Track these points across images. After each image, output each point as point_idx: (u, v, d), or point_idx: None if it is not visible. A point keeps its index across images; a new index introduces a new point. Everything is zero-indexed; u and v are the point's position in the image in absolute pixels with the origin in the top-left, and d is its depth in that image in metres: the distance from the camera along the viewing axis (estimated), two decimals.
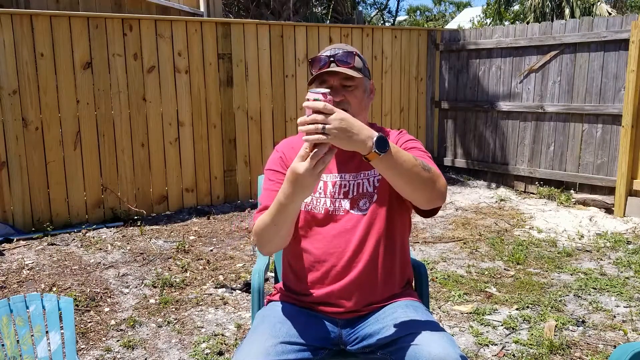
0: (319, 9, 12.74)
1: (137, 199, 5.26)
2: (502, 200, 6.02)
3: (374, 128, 1.82)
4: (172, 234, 4.80)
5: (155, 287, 3.64)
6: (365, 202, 1.71)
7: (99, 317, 3.22)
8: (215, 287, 3.65)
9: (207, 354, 2.80)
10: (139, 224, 4.94)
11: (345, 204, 1.72)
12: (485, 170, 6.83)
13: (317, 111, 1.33)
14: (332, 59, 1.65)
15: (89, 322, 3.15)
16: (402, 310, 1.65)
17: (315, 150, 1.35)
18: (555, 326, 3.03)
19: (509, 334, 3.00)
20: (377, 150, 1.37)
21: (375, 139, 1.37)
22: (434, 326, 1.55)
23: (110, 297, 3.49)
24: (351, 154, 1.76)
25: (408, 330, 1.54)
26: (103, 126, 5.02)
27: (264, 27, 5.82)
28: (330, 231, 1.70)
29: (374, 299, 1.70)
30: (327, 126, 1.32)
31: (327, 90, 1.38)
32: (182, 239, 4.62)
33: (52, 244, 4.43)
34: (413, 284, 1.90)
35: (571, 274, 3.87)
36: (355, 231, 1.69)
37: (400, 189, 1.53)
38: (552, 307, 3.30)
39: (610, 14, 13.95)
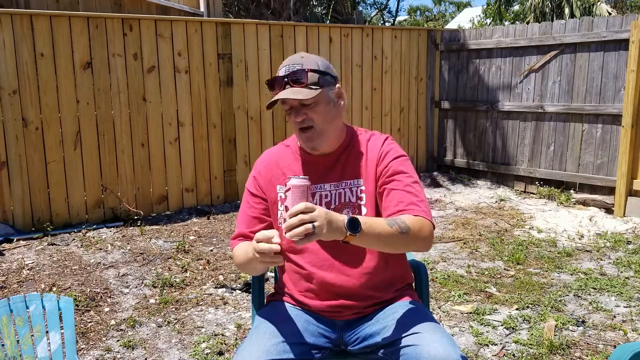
0: (319, 9, 12.74)
1: (137, 199, 5.26)
2: (502, 200, 6.02)
3: (350, 131, 1.77)
4: (172, 234, 4.80)
5: (155, 287, 3.64)
6: (349, 212, 1.68)
7: (99, 317, 3.22)
8: (215, 287, 3.65)
9: (207, 354, 2.80)
10: (139, 224, 4.94)
11: None
12: (485, 170, 6.83)
13: (299, 212, 1.36)
14: (286, 79, 1.61)
15: (89, 322, 3.15)
16: (403, 310, 1.65)
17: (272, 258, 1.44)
18: (555, 326, 3.03)
19: (509, 334, 3.00)
20: (351, 233, 1.41)
21: (346, 222, 1.41)
22: (434, 326, 1.55)
23: (110, 297, 3.49)
24: (330, 165, 1.72)
25: (408, 331, 1.54)
26: (103, 126, 5.02)
27: (264, 27, 5.82)
28: (315, 244, 1.67)
29: (370, 308, 1.70)
30: (315, 223, 1.35)
31: (307, 178, 1.45)
32: (182, 239, 4.62)
33: (52, 244, 4.43)
34: (413, 284, 1.90)
35: (571, 274, 3.87)
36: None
37: (383, 252, 1.64)
38: (552, 307, 3.30)
39: (610, 14, 13.95)
